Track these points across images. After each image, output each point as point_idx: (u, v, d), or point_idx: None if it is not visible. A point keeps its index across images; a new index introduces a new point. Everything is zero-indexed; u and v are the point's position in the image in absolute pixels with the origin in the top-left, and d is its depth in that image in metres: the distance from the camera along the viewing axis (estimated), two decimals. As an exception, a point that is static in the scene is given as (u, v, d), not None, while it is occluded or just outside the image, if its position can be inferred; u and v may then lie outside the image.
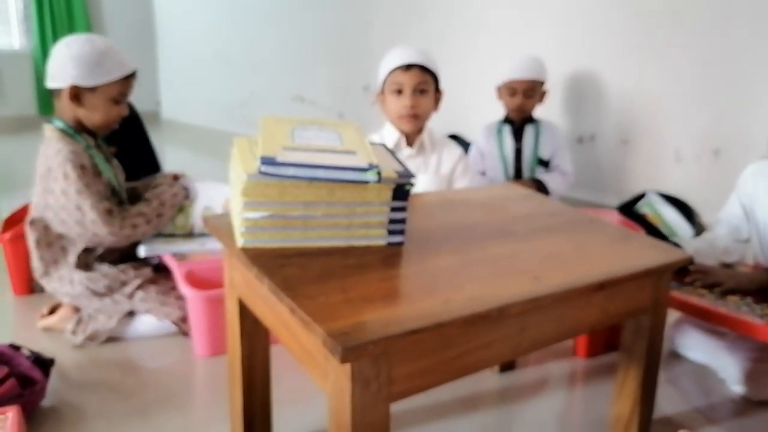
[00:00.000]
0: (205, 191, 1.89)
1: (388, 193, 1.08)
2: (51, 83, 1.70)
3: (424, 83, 1.84)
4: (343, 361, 0.78)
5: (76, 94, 1.67)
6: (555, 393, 1.59)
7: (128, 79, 1.74)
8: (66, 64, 1.65)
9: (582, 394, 1.60)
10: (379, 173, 1.03)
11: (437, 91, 1.91)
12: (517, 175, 2.62)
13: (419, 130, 1.92)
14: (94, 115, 1.72)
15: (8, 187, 3.63)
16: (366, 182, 1.03)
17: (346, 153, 1.08)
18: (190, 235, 1.85)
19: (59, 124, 1.72)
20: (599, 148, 2.98)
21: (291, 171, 1.00)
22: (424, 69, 1.84)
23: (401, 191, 1.09)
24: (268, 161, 0.99)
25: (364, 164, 1.03)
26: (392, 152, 1.22)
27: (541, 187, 2.49)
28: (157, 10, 5.77)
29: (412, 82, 1.83)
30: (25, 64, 5.56)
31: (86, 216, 1.64)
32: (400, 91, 1.84)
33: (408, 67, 1.83)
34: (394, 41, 2.93)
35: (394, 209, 1.10)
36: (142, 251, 1.75)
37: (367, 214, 1.09)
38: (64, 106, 1.70)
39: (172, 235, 1.84)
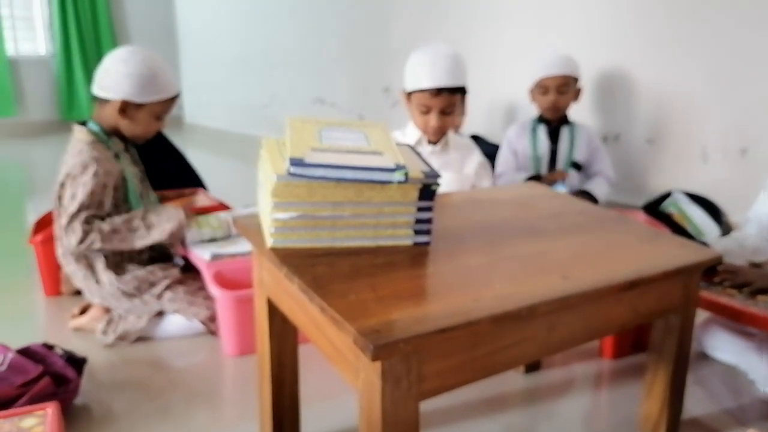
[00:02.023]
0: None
1: (414, 193, 1.09)
2: (101, 93, 1.76)
3: (451, 105, 1.82)
4: (374, 358, 0.79)
5: (125, 108, 1.74)
6: (581, 394, 1.58)
7: (173, 98, 1.82)
8: (121, 79, 1.72)
9: (608, 395, 1.59)
10: (406, 174, 1.04)
11: (464, 96, 1.90)
12: None
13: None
14: (135, 127, 1.79)
15: (35, 190, 3.71)
16: (393, 182, 1.04)
17: (373, 153, 1.08)
18: (230, 237, 1.87)
19: (94, 127, 1.77)
20: (624, 147, 2.95)
21: (319, 172, 1.01)
22: (453, 90, 1.80)
23: (428, 191, 1.10)
24: (296, 162, 1.00)
25: (391, 165, 1.04)
26: (418, 153, 1.23)
27: (590, 199, 2.45)
28: (179, 15, 5.84)
29: (439, 106, 1.81)
30: (48, 69, 5.66)
31: (62, 218, 1.71)
32: (427, 112, 1.83)
33: (438, 92, 1.79)
34: (414, 42, 2.93)
35: (420, 209, 1.11)
36: (207, 255, 1.75)
37: (394, 214, 1.10)
38: (107, 114, 1.77)
39: (213, 240, 1.86)
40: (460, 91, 1.85)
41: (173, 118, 1.84)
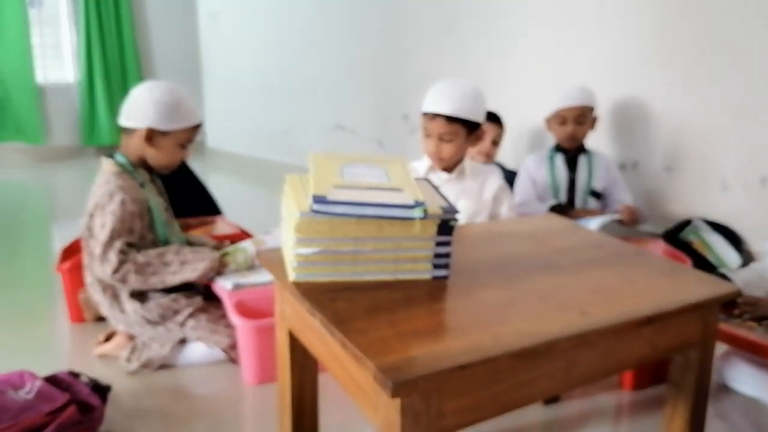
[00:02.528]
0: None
1: (433, 229, 1.11)
2: (127, 122, 1.82)
3: (447, 134, 1.86)
4: (394, 395, 0.81)
5: (150, 136, 1.79)
6: (601, 426, 1.57)
7: (197, 127, 1.88)
8: (147, 108, 1.78)
9: (628, 427, 1.59)
10: (425, 210, 1.06)
11: (474, 131, 1.91)
12: (569, 204, 2.59)
13: (458, 160, 1.95)
14: (161, 156, 1.84)
15: (59, 216, 3.78)
16: (414, 219, 1.07)
17: (393, 190, 1.11)
18: (252, 267, 1.90)
19: (121, 159, 1.82)
20: (642, 175, 2.95)
21: (341, 209, 1.04)
22: (450, 119, 1.83)
23: (446, 226, 1.12)
24: (320, 200, 1.03)
25: (410, 201, 1.06)
26: (436, 188, 1.26)
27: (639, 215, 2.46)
28: (203, 43, 5.97)
29: (436, 131, 1.86)
30: (72, 96, 5.80)
31: (95, 249, 1.74)
32: (428, 135, 1.89)
33: (434, 116, 1.85)
34: (433, 70, 2.98)
35: (439, 243, 1.13)
36: (229, 284, 1.78)
37: (414, 248, 1.12)
38: (134, 143, 1.82)
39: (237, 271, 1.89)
40: (461, 123, 1.86)
41: (196, 143, 1.89)
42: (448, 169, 1.96)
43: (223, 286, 1.79)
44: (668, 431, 1.31)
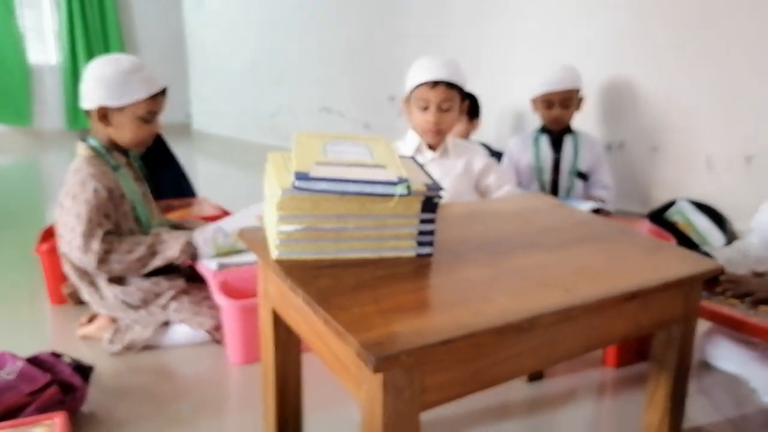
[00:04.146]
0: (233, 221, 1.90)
1: (417, 206, 1.11)
2: (83, 104, 1.76)
3: (448, 100, 1.86)
4: (376, 370, 0.80)
5: (104, 114, 1.73)
6: (584, 403, 1.59)
7: (157, 97, 1.77)
8: (93, 85, 1.71)
9: (612, 404, 1.60)
10: (408, 187, 1.06)
11: (462, 101, 1.93)
12: (554, 186, 2.60)
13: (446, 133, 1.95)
14: (123, 133, 1.76)
15: (43, 199, 3.74)
16: (395, 195, 1.06)
17: (376, 167, 1.10)
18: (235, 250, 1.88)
19: (93, 142, 1.78)
20: (628, 156, 2.96)
21: (323, 185, 1.03)
22: (450, 85, 1.85)
23: (430, 203, 1.11)
24: (301, 176, 1.02)
25: (393, 178, 1.05)
26: (421, 165, 1.25)
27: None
28: (188, 24, 5.89)
29: (437, 99, 1.85)
30: (56, 79, 5.71)
31: (75, 240, 1.70)
32: (425, 107, 1.87)
33: (434, 84, 1.85)
34: (420, 52, 2.95)
35: (423, 221, 1.12)
36: (214, 264, 1.76)
37: (397, 226, 1.11)
38: (95, 125, 1.77)
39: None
40: (458, 90, 1.88)
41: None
42: (435, 146, 1.95)
43: (207, 266, 1.77)
44: (650, 407, 1.32)
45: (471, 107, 2.73)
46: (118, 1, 5.91)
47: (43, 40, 5.75)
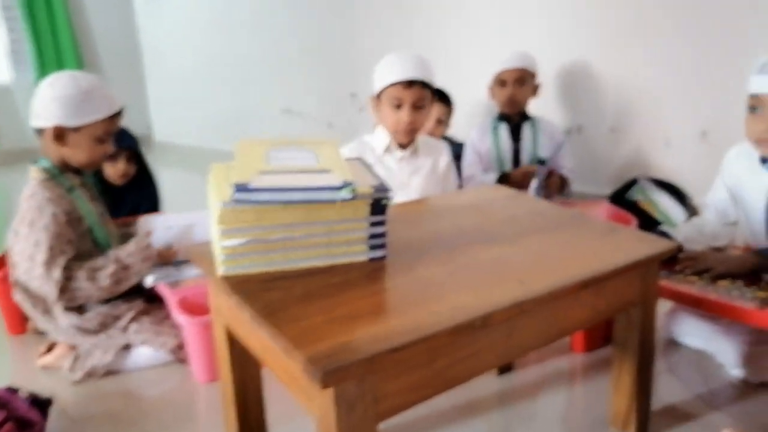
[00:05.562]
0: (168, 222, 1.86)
1: (365, 209, 1.09)
2: (35, 122, 1.68)
3: (422, 99, 1.83)
4: (325, 386, 0.78)
5: (60, 134, 1.66)
6: (555, 391, 1.58)
7: (114, 118, 1.72)
8: (50, 103, 1.64)
9: (582, 390, 1.60)
10: (353, 190, 1.03)
11: (433, 98, 1.91)
12: None
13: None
14: (78, 154, 1.70)
15: (3, 223, 3.63)
16: (341, 200, 1.03)
17: (321, 172, 1.08)
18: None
19: (44, 163, 1.71)
20: (587, 139, 2.98)
21: (265, 196, 1.00)
22: (424, 85, 1.82)
23: (379, 205, 1.09)
24: (241, 188, 0.99)
25: (337, 183, 1.03)
26: (369, 166, 1.22)
27: (563, 181, 2.47)
28: (142, 32, 5.78)
29: (411, 98, 1.81)
30: (12, 97, 5.56)
31: (35, 269, 1.63)
32: (399, 106, 1.83)
33: (409, 84, 1.80)
34: (379, 47, 2.93)
35: (373, 224, 1.11)
36: (149, 281, 1.73)
37: (347, 231, 1.09)
38: (47, 145, 1.69)
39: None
40: (430, 90, 1.86)
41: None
42: (406, 145, 1.92)
43: (145, 281, 1.74)
44: (617, 390, 1.33)
45: (441, 94, 2.70)
46: (70, 16, 5.77)
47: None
